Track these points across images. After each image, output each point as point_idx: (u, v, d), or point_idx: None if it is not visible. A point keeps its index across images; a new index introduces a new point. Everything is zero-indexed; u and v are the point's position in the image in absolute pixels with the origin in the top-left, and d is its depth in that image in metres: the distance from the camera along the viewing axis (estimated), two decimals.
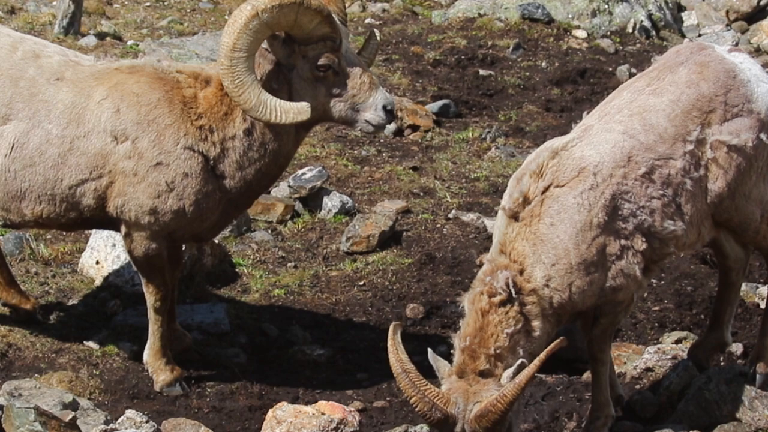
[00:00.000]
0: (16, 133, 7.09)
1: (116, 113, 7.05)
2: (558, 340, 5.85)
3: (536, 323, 6.03)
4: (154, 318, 7.37)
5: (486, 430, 5.77)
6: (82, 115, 7.07)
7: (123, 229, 7.22)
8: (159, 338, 7.40)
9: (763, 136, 6.46)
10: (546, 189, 6.12)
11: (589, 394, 6.83)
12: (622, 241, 6.17)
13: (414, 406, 5.79)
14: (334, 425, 6.51)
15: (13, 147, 7.09)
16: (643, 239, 6.22)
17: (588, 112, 6.68)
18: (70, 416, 6.25)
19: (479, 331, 5.94)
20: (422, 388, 5.77)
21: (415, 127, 11.03)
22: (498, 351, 5.89)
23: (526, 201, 6.13)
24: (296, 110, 6.99)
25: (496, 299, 5.96)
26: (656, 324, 8.08)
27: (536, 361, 5.71)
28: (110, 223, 7.30)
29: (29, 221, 7.29)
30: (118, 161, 7.05)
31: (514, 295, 5.96)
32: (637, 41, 13.53)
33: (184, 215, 7.11)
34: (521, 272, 6.04)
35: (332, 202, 9.37)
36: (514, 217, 6.13)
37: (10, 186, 7.16)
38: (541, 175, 6.15)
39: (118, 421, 6.53)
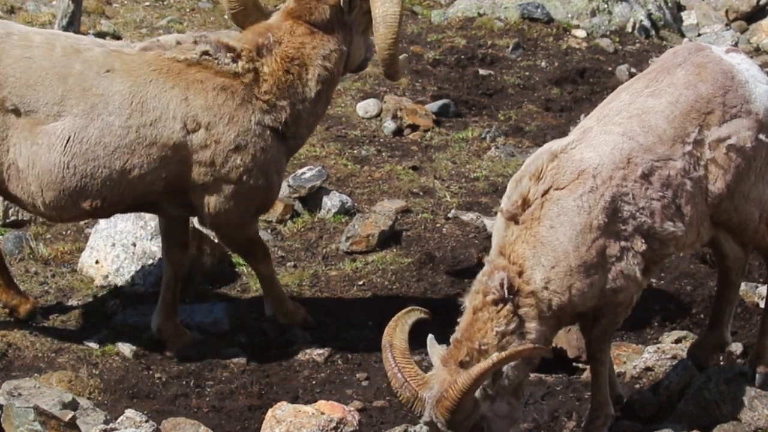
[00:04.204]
0: (72, 128, 7.11)
1: (184, 101, 7.18)
2: (534, 346, 5.91)
3: (531, 325, 6.05)
4: (271, 282, 7.77)
5: (445, 419, 5.82)
6: (146, 103, 7.15)
7: (208, 219, 7.40)
8: (277, 292, 7.86)
9: (761, 136, 6.46)
10: (546, 192, 6.13)
11: (589, 393, 6.83)
12: (622, 243, 6.18)
13: (390, 380, 5.90)
14: (334, 425, 6.51)
15: (69, 143, 7.11)
16: (643, 240, 6.23)
17: (585, 114, 6.68)
18: (70, 416, 6.25)
19: (469, 325, 6.01)
20: (401, 365, 5.84)
21: (414, 127, 11.03)
22: (483, 347, 5.94)
23: (525, 203, 6.14)
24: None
25: (489, 298, 6.00)
26: (656, 324, 8.08)
27: (494, 357, 5.79)
28: (176, 207, 7.45)
29: (80, 215, 7.38)
30: (192, 152, 7.19)
31: (507, 296, 5.99)
32: (637, 41, 13.53)
33: (266, 189, 7.40)
34: (520, 274, 6.06)
35: (332, 201, 9.37)
36: (513, 219, 6.14)
37: (68, 182, 7.18)
38: (541, 178, 6.16)
39: (118, 420, 6.53)
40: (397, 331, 6.00)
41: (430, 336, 6.20)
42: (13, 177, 7.21)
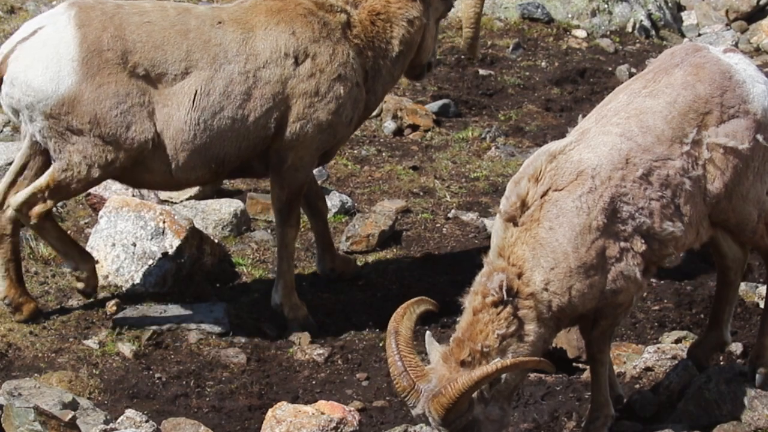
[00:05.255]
0: (198, 82, 7.44)
1: (292, 35, 7.57)
2: (539, 359, 5.93)
3: (530, 327, 6.05)
4: (287, 256, 7.94)
5: (439, 415, 5.83)
6: (256, 46, 7.53)
7: (286, 160, 7.69)
8: (290, 277, 7.98)
9: (759, 136, 6.46)
10: (545, 193, 6.13)
11: (589, 393, 6.83)
12: (622, 244, 6.18)
13: (389, 366, 5.91)
14: (334, 425, 6.51)
15: (197, 97, 7.44)
16: (643, 241, 6.23)
17: (583, 115, 6.69)
18: (70, 416, 6.25)
19: (470, 326, 6.01)
20: (403, 353, 5.86)
21: (414, 127, 11.03)
22: (485, 349, 5.94)
23: (523, 205, 6.14)
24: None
25: (489, 300, 6.00)
26: (656, 323, 8.08)
27: (499, 363, 5.81)
28: (264, 161, 7.77)
29: (204, 176, 7.71)
30: (298, 83, 7.56)
31: (506, 298, 5.99)
32: (637, 41, 13.53)
33: (346, 127, 7.85)
34: (520, 276, 6.06)
35: (332, 201, 9.36)
36: (512, 221, 6.15)
37: (199, 140, 7.48)
38: (539, 179, 6.16)
39: (118, 420, 6.53)
40: (404, 319, 6.02)
41: (428, 333, 6.21)
42: (152, 145, 7.44)
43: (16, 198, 7.63)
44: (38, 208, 7.59)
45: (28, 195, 7.58)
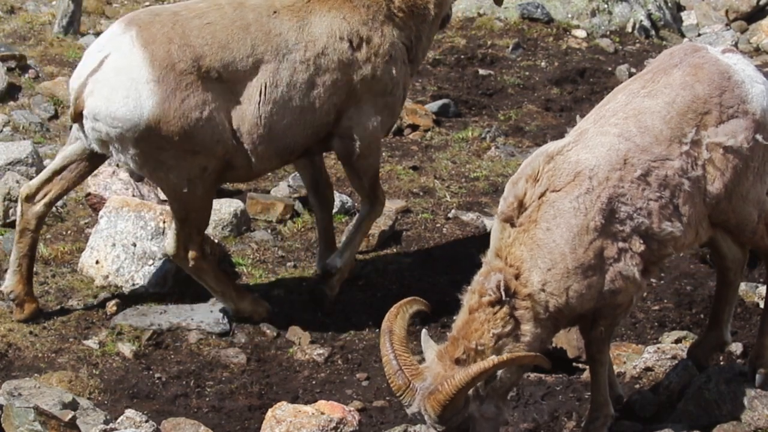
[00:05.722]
0: (266, 75, 7.49)
1: (344, 20, 7.66)
2: (535, 355, 5.93)
3: (527, 327, 6.06)
4: (363, 231, 8.18)
5: (435, 412, 5.83)
6: (313, 33, 7.60)
7: (353, 150, 7.83)
8: (355, 251, 8.23)
9: (758, 136, 6.46)
10: (542, 194, 6.14)
11: (589, 393, 6.83)
12: (620, 244, 6.18)
13: (384, 366, 5.93)
14: (334, 425, 6.52)
15: (267, 90, 7.49)
16: (641, 241, 6.23)
17: (581, 116, 6.69)
18: (70, 416, 6.26)
19: (465, 324, 6.03)
20: (398, 352, 5.87)
21: (414, 127, 11.02)
22: (480, 347, 5.96)
23: (521, 206, 6.15)
24: None
25: (485, 299, 6.02)
26: (656, 323, 8.08)
27: (495, 359, 5.82)
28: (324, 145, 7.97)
29: (278, 165, 7.94)
30: (355, 68, 7.67)
31: (504, 298, 6.00)
32: (637, 41, 13.52)
33: (401, 102, 8.01)
34: (517, 277, 6.07)
35: None
36: (509, 221, 6.15)
37: (272, 131, 7.55)
38: (537, 180, 6.16)
39: (118, 420, 6.54)
40: (398, 318, 6.04)
41: (424, 331, 6.22)
42: (234, 143, 7.49)
43: (169, 247, 7.72)
44: (192, 251, 7.70)
45: (176, 238, 7.68)
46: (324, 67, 7.60)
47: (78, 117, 7.44)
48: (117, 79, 7.31)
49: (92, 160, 7.76)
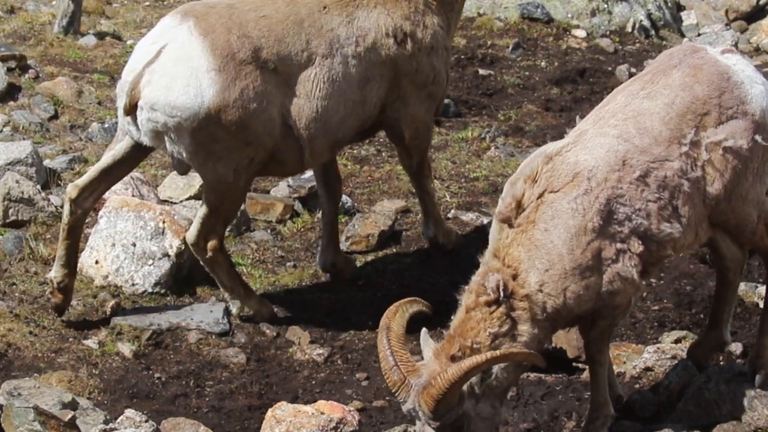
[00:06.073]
0: (322, 69, 7.57)
1: (388, 16, 7.78)
2: (529, 351, 5.94)
3: (524, 328, 6.07)
4: (430, 199, 8.47)
5: (429, 407, 5.84)
6: (363, 28, 7.73)
7: (404, 135, 8.03)
8: (437, 211, 8.54)
9: (758, 137, 6.46)
10: (540, 194, 6.14)
11: (589, 393, 6.83)
12: (618, 245, 6.18)
13: (380, 362, 5.95)
14: (334, 425, 6.52)
15: (323, 84, 7.58)
16: (640, 242, 6.23)
17: (581, 116, 6.69)
18: (70, 416, 6.26)
19: (462, 323, 6.05)
20: (394, 348, 5.88)
21: None
22: (475, 345, 5.97)
23: (519, 206, 6.16)
24: None
25: (482, 299, 6.03)
26: (655, 323, 8.08)
27: (488, 354, 5.83)
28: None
29: (332, 156, 8.05)
30: (401, 62, 7.81)
31: (501, 298, 6.00)
32: (637, 41, 13.52)
33: (445, 87, 8.21)
34: (515, 277, 6.07)
35: None
36: (507, 222, 6.16)
37: (329, 124, 7.65)
38: (536, 181, 6.17)
39: (118, 420, 6.54)
40: (396, 316, 6.05)
41: (424, 330, 6.22)
42: (287, 137, 7.56)
43: (191, 234, 7.71)
44: (213, 241, 7.69)
45: (199, 228, 7.67)
46: (373, 61, 7.73)
47: (132, 109, 7.43)
48: (176, 69, 7.33)
49: (139, 155, 7.81)
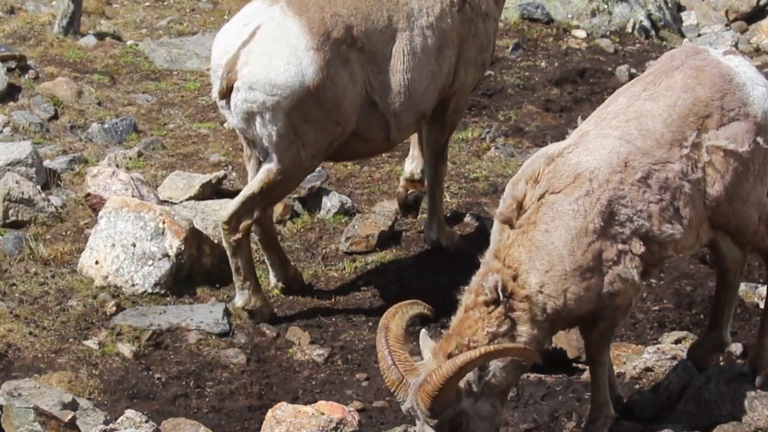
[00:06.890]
0: (403, 43, 7.65)
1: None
2: (524, 347, 5.94)
3: (523, 328, 6.07)
4: (439, 193, 8.49)
5: (425, 405, 5.83)
6: (430, 4, 7.78)
7: (449, 105, 8.12)
8: (442, 212, 8.59)
9: (759, 139, 6.46)
10: (542, 196, 6.14)
11: (589, 394, 6.83)
12: (620, 246, 6.18)
13: (379, 361, 5.95)
14: (334, 425, 6.52)
15: (406, 58, 7.65)
16: (641, 243, 6.24)
17: (582, 117, 6.70)
18: (70, 416, 6.26)
19: (460, 322, 6.05)
20: (393, 348, 5.88)
21: None
22: (472, 344, 5.97)
23: (520, 207, 6.16)
24: None
25: (481, 299, 6.03)
26: (656, 324, 8.08)
27: (482, 348, 5.82)
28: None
29: (409, 134, 8.12)
30: (463, 29, 8.04)
31: (501, 298, 6.00)
32: (637, 41, 13.52)
33: (492, 55, 8.40)
34: (515, 278, 6.07)
35: (331, 202, 9.36)
36: (508, 222, 6.16)
37: (413, 98, 7.73)
38: (537, 181, 6.17)
39: (118, 421, 6.54)
40: (396, 317, 6.05)
41: (423, 331, 6.22)
42: (372, 114, 7.63)
43: (226, 211, 7.68)
44: (246, 222, 7.66)
45: (238, 206, 7.63)
46: (444, 29, 7.81)
47: (227, 92, 7.42)
48: (276, 48, 7.36)
49: None
